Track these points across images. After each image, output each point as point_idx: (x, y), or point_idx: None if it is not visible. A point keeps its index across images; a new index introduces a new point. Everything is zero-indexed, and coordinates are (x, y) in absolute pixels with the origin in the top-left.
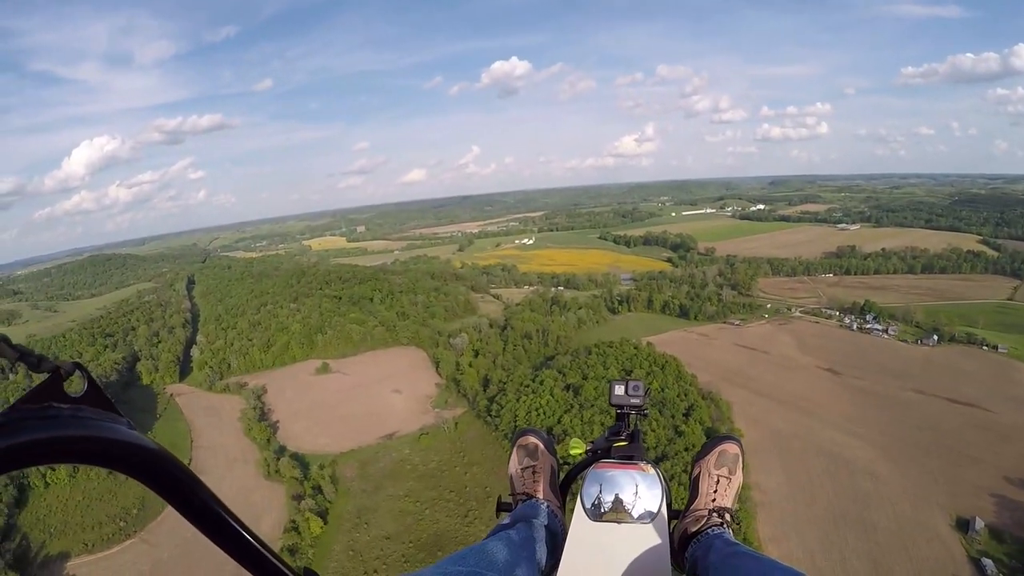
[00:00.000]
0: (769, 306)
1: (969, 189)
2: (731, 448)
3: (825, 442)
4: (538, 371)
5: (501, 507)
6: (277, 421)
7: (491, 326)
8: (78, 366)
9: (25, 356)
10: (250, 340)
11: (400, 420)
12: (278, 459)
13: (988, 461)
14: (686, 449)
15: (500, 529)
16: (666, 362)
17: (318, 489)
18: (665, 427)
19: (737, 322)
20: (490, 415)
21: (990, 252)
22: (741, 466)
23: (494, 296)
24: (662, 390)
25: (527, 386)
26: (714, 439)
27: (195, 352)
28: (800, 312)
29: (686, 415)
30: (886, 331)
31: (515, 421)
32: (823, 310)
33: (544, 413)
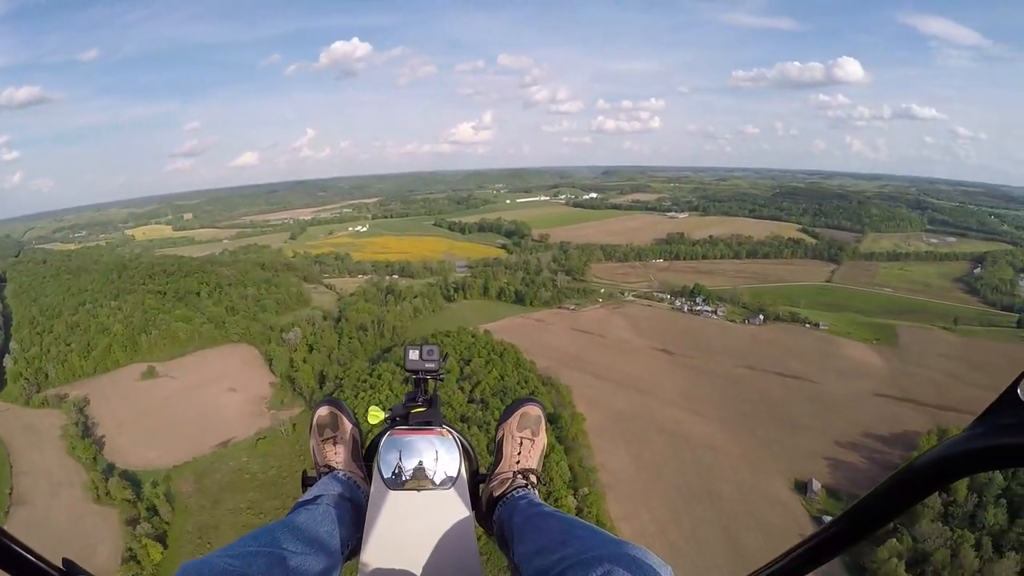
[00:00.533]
0: (603, 291)
1: (789, 183)
2: (533, 410)
3: (665, 420)
4: (375, 364)
5: (306, 482)
6: (103, 436)
7: (325, 318)
8: None
9: None
10: (68, 345)
11: (235, 425)
12: (107, 479)
13: (817, 428)
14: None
15: (301, 504)
16: (504, 350)
17: (153, 510)
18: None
19: (572, 307)
20: None
21: (809, 239)
22: (544, 427)
23: (327, 286)
24: (502, 378)
25: (364, 381)
26: (516, 402)
27: (8, 362)
28: (633, 296)
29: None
30: (715, 312)
31: (355, 419)
32: (655, 294)
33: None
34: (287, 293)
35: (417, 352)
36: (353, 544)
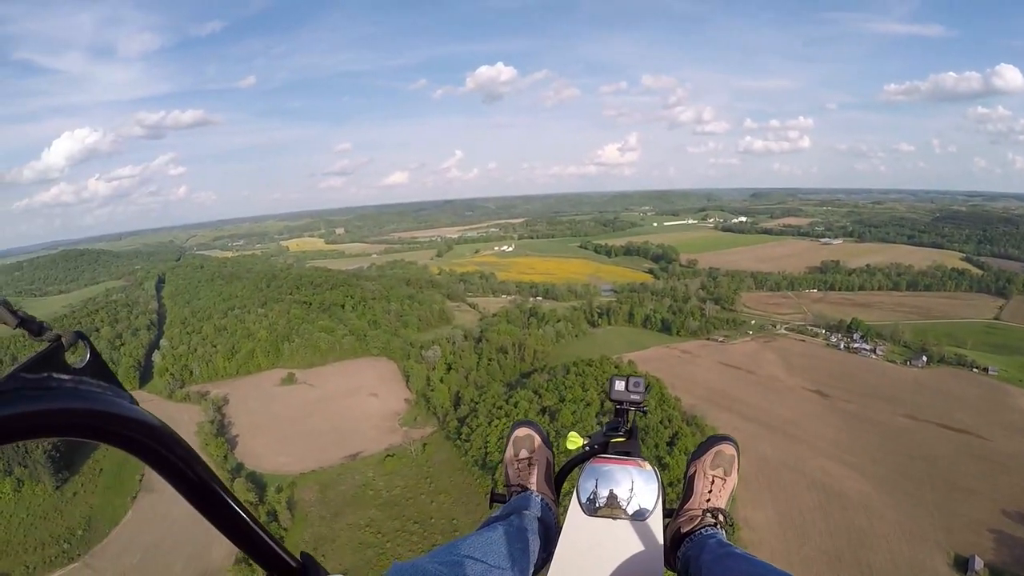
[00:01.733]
0: (753, 322)
1: (950, 206)
2: (727, 449)
3: (816, 472)
4: (513, 390)
5: (495, 498)
6: (236, 435)
7: (466, 338)
8: (80, 336)
9: (26, 322)
10: (214, 346)
11: (365, 438)
12: (233, 479)
13: (984, 493)
14: (670, 484)
15: (493, 520)
16: (648, 383)
17: (273, 515)
18: (648, 458)
19: (721, 339)
20: (460, 438)
21: (974, 270)
22: (737, 468)
23: (470, 305)
24: (644, 415)
25: (500, 408)
26: (710, 439)
27: (157, 357)
28: (785, 329)
29: (670, 444)
30: (874, 351)
31: (486, 447)
32: (808, 327)
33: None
34: (430, 310)
35: (623, 383)
36: (540, 564)
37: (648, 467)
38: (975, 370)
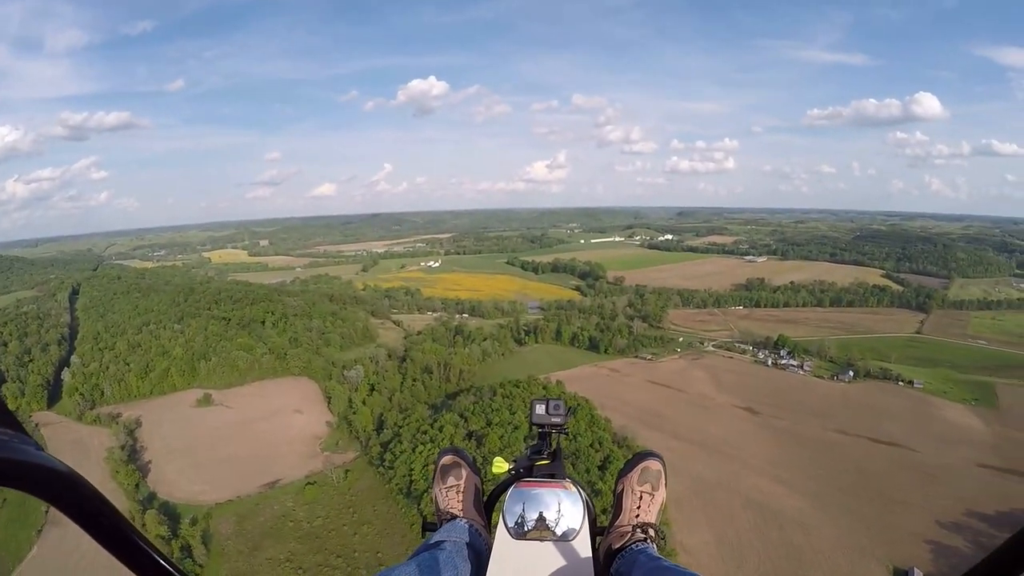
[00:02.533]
0: (681, 339)
1: (870, 225)
2: (654, 465)
3: (751, 491)
4: (438, 413)
5: (426, 527)
6: (149, 462)
7: (389, 357)
8: None
9: None
10: (127, 364)
11: (285, 464)
12: (144, 511)
13: (918, 504)
14: (603, 511)
15: (423, 549)
16: (578, 405)
17: (187, 550)
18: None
19: (649, 356)
20: (383, 464)
21: (895, 286)
22: (664, 482)
23: (395, 322)
24: (574, 438)
25: (424, 432)
26: (636, 455)
27: (67, 375)
28: (713, 346)
29: (602, 468)
30: (801, 366)
31: (410, 475)
32: (736, 344)
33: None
34: (353, 327)
35: (544, 407)
36: None
37: (573, 488)
38: (901, 383)
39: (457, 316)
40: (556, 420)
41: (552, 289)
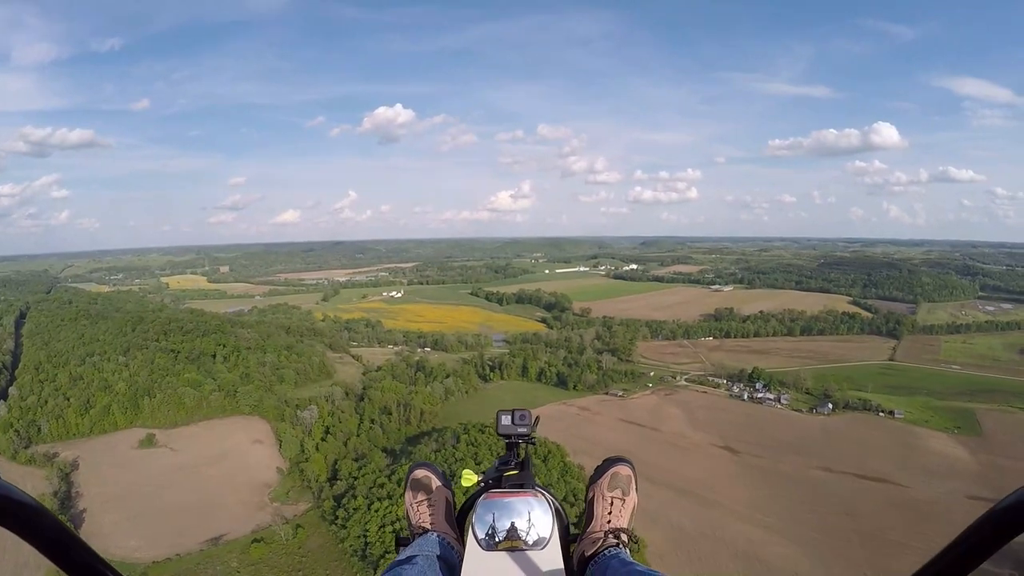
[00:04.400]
0: (652, 373)
1: (833, 252)
2: (623, 470)
3: (737, 539)
4: (397, 460)
5: (400, 542)
6: (84, 511)
7: (347, 395)
8: None
9: None
10: (67, 399)
11: (231, 516)
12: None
13: (912, 546)
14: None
15: (396, 564)
16: (548, 452)
17: None
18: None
19: (620, 393)
20: (337, 521)
21: (864, 313)
22: (634, 487)
23: (354, 357)
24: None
25: (382, 486)
26: (606, 461)
27: (2, 409)
28: (685, 380)
29: (577, 525)
30: (778, 400)
31: (365, 536)
32: (709, 377)
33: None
34: (309, 362)
35: (509, 417)
36: None
37: (543, 496)
38: (881, 414)
39: (419, 350)
40: (522, 430)
41: (517, 321)
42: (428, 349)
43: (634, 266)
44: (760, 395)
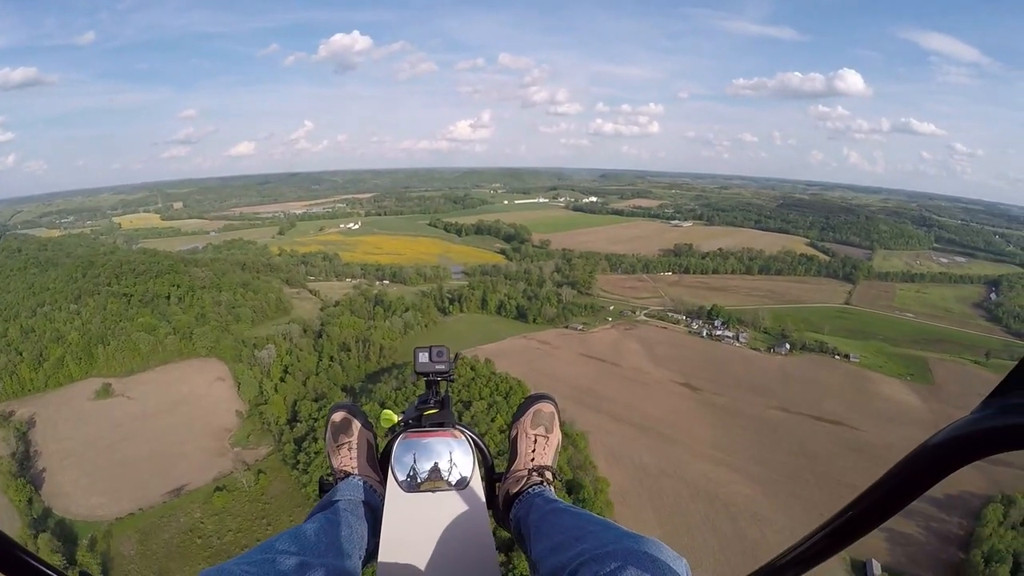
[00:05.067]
0: (612, 308)
1: (791, 193)
2: (546, 407)
3: (699, 478)
4: (357, 399)
5: (323, 487)
6: (43, 470)
7: (304, 332)
8: None
9: None
10: (20, 354)
11: (192, 465)
12: (36, 534)
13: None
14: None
15: (319, 510)
16: (511, 388)
17: None
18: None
19: (580, 327)
20: (299, 465)
21: (821, 256)
22: (557, 424)
23: (311, 292)
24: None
25: None
26: (528, 399)
27: None
28: (645, 315)
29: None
30: (737, 338)
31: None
32: (669, 313)
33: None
34: (266, 300)
35: (427, 354)
36: (371, 548)
37: (462, 435)
38: (837, 357)
39: (377, 283)
40: (441, 367)
41: (476, 252)
42: (387, 282)
43: (594, 199)
44: (719, 332)
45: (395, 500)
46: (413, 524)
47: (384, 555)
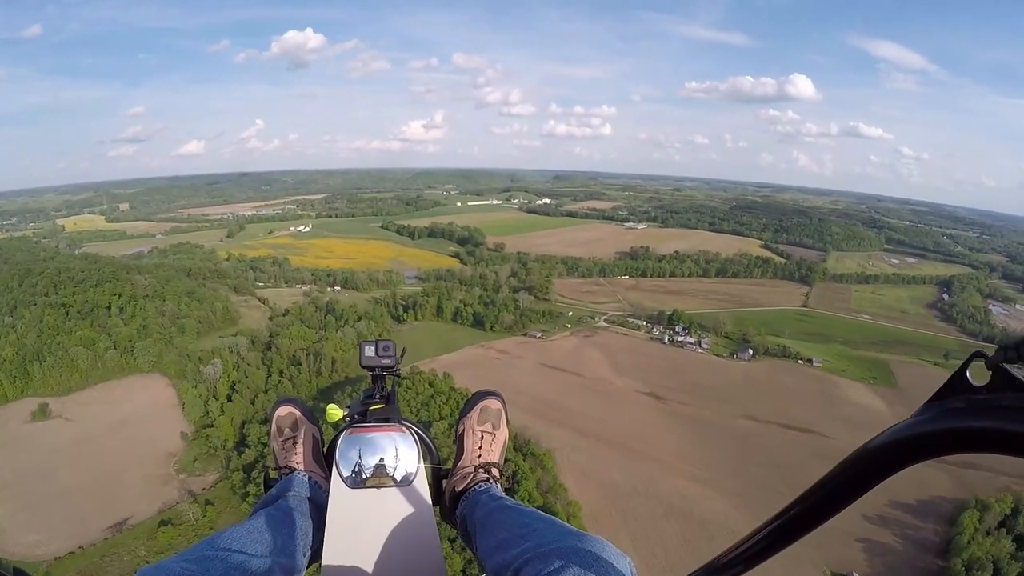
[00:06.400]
0: (571, 313)
1: (743, 195)
2: (493, 404)
3: (671, 495)
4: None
5: (268, 484)
6: None
7: (253, 344)
8: None
9: None
10: None
11: (135, 495)
12: None
13: None
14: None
15: (263, 506)
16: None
17: None
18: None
19: (539, 334)
20: (248, 496)
21: (777, 258)
22: (505, 421)
23: (260, 299)
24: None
25: None
26: (475, 395)
27: None
28: (604, 321)
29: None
30: (699, 344)
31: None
32: (628, 319)
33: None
34: (212, 309)
35: (373, 348)
36: (315, 545)
37: (408, 431)
38: (800, 361)
39: (329, 289)
40: (387, 362)
41: (430, 256)
42: (338, 288)
43: (547, 200)
44: (680, 338)
45: (339, 496)
46: (358, 521)
47: (328, 552)
